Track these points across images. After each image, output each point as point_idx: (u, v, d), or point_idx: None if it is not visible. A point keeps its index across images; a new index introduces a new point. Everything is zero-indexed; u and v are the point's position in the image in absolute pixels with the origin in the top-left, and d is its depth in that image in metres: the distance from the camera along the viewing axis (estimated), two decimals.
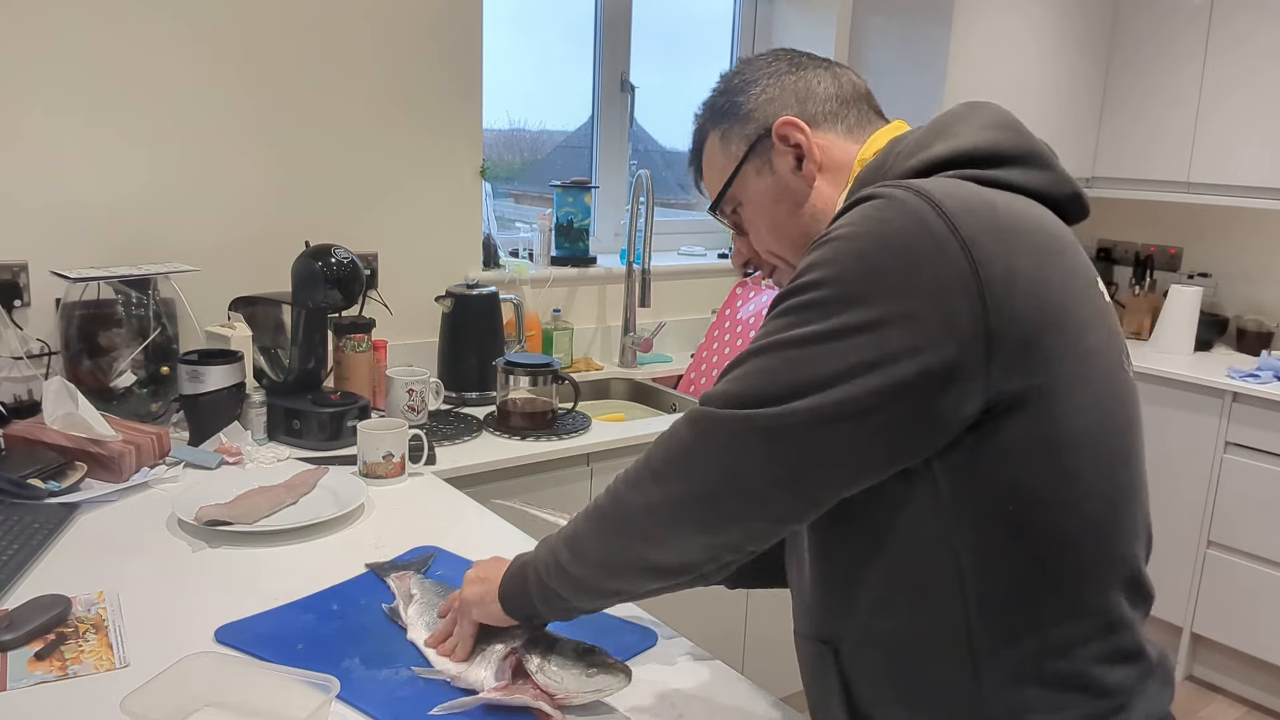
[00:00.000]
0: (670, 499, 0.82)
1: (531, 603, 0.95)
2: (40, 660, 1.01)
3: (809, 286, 0.78)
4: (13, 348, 1.82)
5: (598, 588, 0.91)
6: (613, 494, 0.89)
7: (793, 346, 0.77)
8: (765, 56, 1.00)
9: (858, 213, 0.79)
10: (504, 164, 2.83)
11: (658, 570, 0.87)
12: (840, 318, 0.75)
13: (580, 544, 0.91)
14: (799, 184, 0.95)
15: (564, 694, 0.93)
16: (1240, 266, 3.32)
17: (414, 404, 1.91)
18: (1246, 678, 2.92)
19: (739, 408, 0.78)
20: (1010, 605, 0.80)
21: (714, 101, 1.00)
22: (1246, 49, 2.94)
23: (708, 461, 0.79)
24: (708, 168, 1.02)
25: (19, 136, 1.82)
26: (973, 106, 0.90)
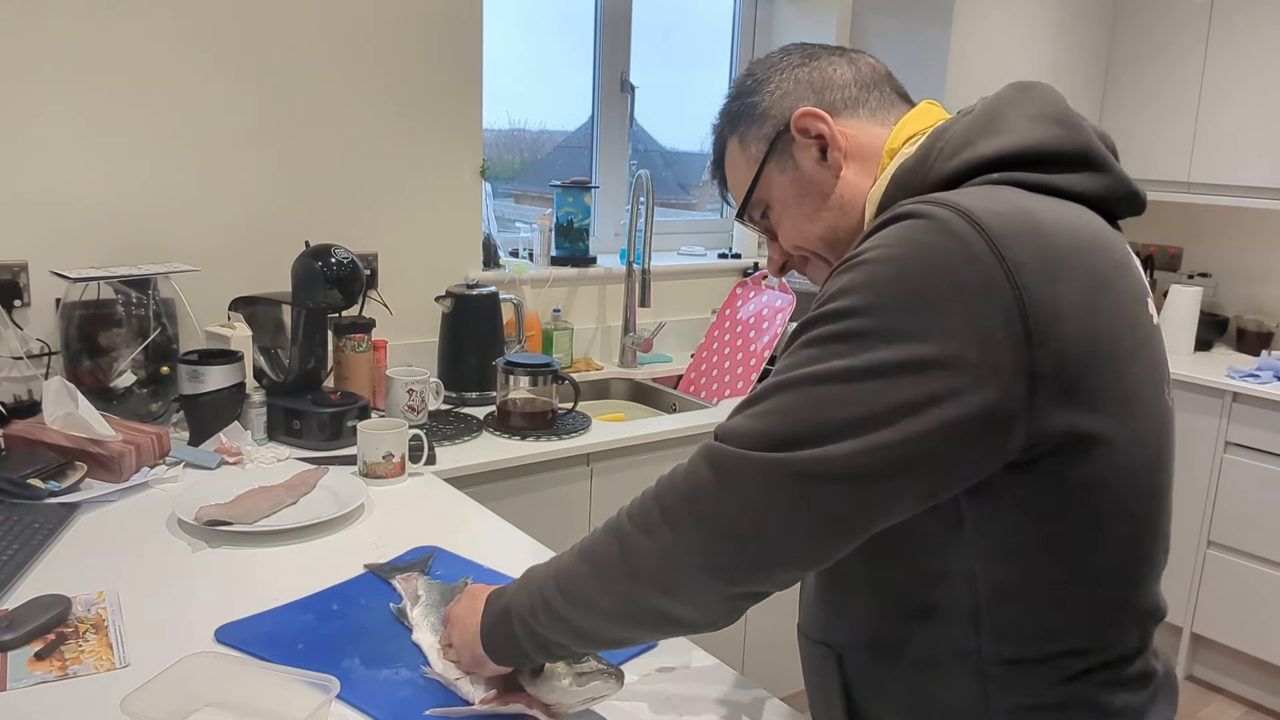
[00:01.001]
0: (687, 545, 0.75)
1: (524, 650, 0.87)
2: (40, 660, 1.01)
3: (841, 315, 0.72)
4: (13, 348, 1.82)
5: (605, 636, 0.83)
6: (617, 535, 0.80)
7: (825, 383, 0.71)
8: (775, 54, 0.96)
9: (893, 232, 0.73)
10: (504, 164, 2.83)
11: (673, 621, 0.79)
12: (876, 353, 0.69)
13: (583, 590, 0.81)
14: (825, 175, 0.90)
15: (557, 703, 0.93)
16: (1240, 266, 3.32)
17: (414, 404, 1.91)
18: (1246, 678, 2.92)
19: (767, 449, 0.71)
20: (1025, 636, 0.79)
21: (728, 107, 0.97)
22: (1246, 49, 2.94)
23: (730, 506, 0.73)
24: (731, 175, 0.98)
25: (19, 136, 1.82)
26: (1023, 89, 0.84)
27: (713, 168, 1.01)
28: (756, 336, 2.48)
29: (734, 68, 3.16)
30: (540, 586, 0.85)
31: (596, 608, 0.81)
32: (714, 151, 1.00)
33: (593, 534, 0.84)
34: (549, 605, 0.84)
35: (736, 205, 0.98)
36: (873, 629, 0.86)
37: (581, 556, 0.83)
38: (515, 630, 0.87)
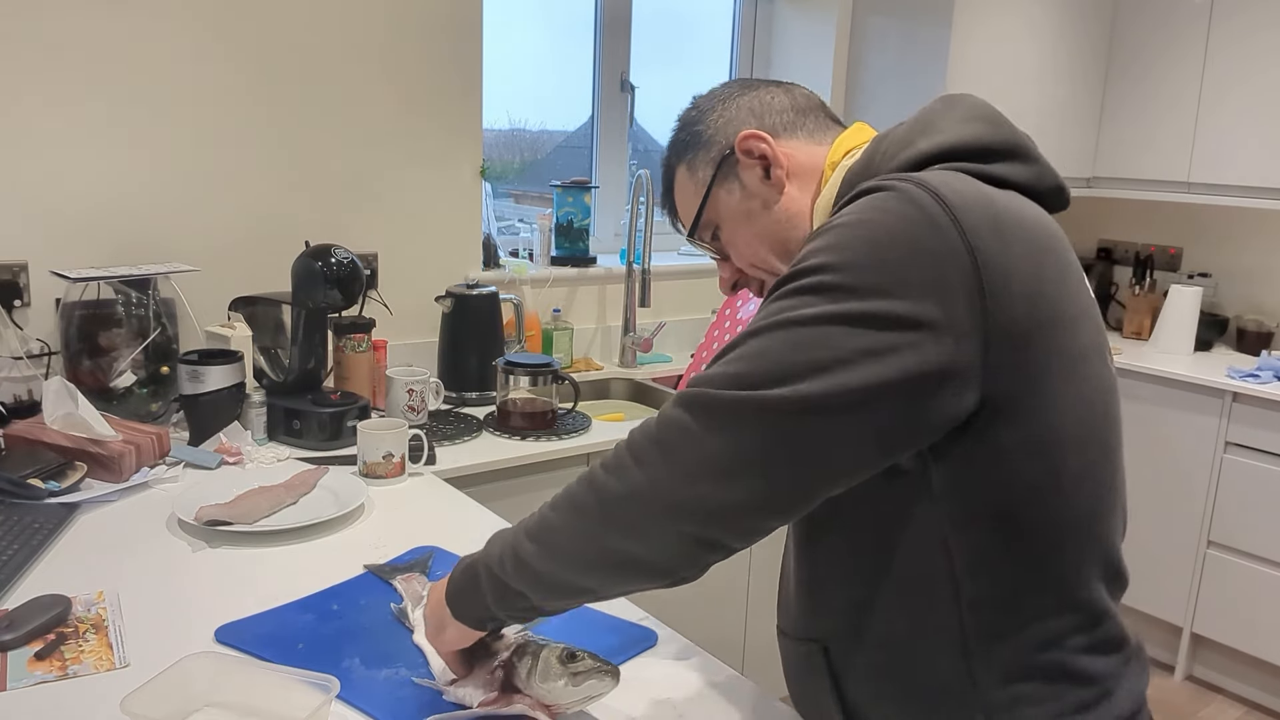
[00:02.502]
0: (655, 482, 0.76)
1: (485, 604, 0.87)
2: (40, 660, 1.01)
3: (812, 270, 0.76)
4: (13, 348, 1.82)
5: (567, 584, 0.82)
6: (588, 480, 0.81)
7: (795, 327, 0.75)
8: (718, 87, 1.02)
9: (862, 203, 0.78)
10: (504, 164, 2.83)
11: (634, 566, 0.80)
12: (844, 304, 0.74)
13: (550, 535, 0.82)
14: (770, 192, 0.95)
15: (555, 703, 0.92)
16: (1240, 266, 3.32)
17: (414, 404, 1.91)
18: (1246, 678, 2.92)
19: (737, 388, 0.74)
20: (1002, 603, 0.81)
21: (675, 139, 1.02)
22: (1246, 49, 2.94)
23: (699, 445, 0.75)
24: (680, 201, 1.02)
25: (19, 136, 1.82)
26: (950, 101, 0.90)
27: (663, 198, 1.05)
28: None
29: (734, 68, 3.16)
30: (512, 536, 0.86)
31: (560, 551, 0.82)
32: (663, 183, 1.05)
33: (564, 489, 0.85)
34: (516, 552, 0.84)
35: (686, 228, 1.02)
36: (855, 615, 0.87)
37: (554, 503, 0.84)
38: (480, 579, 0.86)
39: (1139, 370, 3.00)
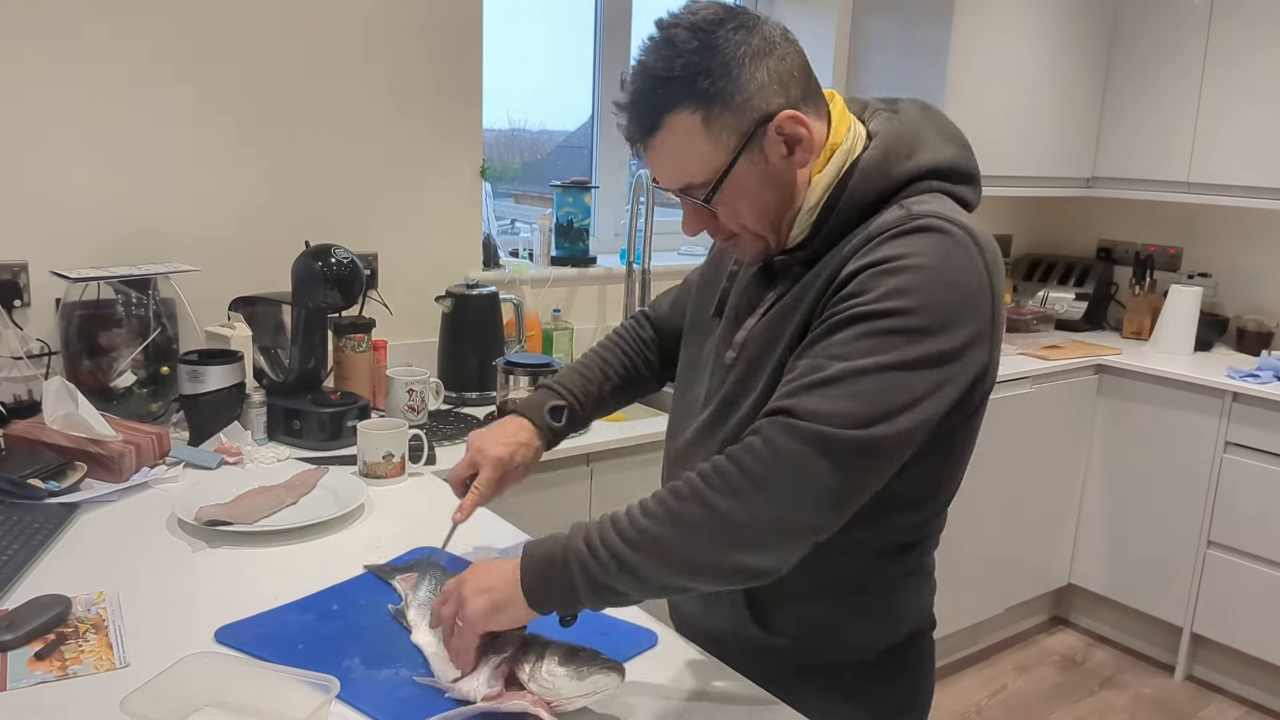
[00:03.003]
0: (779, 508, 0.88)
1: (578, 597, 0.94)
2: (40, 660, 1.01)
3: (894, 313, 0.90)
4: (13, 348, 1.82)
5: (673, 585, 0.93)
6: (697, 499, 0.90)
7: (893, 370, 0.90)
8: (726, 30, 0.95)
9: (922, 243, 0.93)
10: (504, 164, 2.83)
11: (747, 573, 0.91)
12: (921, 346, 0.90)
13: (660, 546, 0.90)
14: (789, 169, 1.00)
15: (558, 699, 0.92)
16: (1240, 266, 3.32)
17: (414, 404, 1.91)
18: (1246, 678, 2.92)
19: (852, 427, 0.88)
20: (913, 527, 1.09)
21: (682, 79, 0.95)
22: (1246, 49, 2.94)
23: (822, 476, 0.88)
24: (679, 146, 0.98)
25: (19, 136, 1.82)
26: (924, 108, 1.05)
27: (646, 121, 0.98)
28: None
29: None
30: (600, 538, 0.92)
31: (674, 561, 0.91)
32: (648, 107, 0.97)
33: (660, 499, 0.92)
34: (617, 555, 0.91)
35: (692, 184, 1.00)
36: None
37: (655, 517, 0.91)
38: (573, 572, 0.92)
39: (1139, 370, 3.00)
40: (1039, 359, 2.99)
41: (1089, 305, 3.47)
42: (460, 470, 1.27)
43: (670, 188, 1.03)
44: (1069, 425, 3.09)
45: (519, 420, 1.30)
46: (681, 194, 1.02)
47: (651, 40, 0.98)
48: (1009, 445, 2.91)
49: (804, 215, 1.02)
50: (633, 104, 0.99)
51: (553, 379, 1.37)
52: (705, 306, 1.21)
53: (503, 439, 1.27)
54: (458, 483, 1.28)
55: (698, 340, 1.21)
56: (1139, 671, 3.08)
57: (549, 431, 1.31)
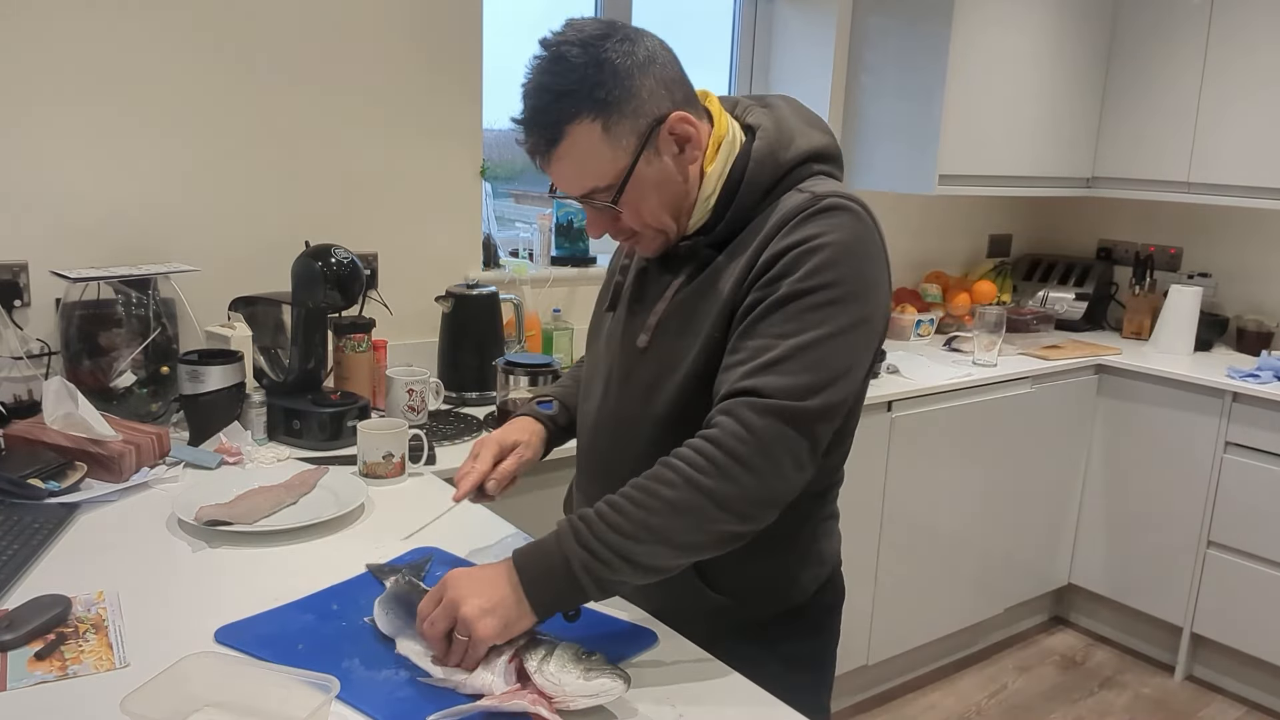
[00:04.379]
0: (764, 480, 0.99)
1: (586, 597, 0.99)
2: (40, 660, 1.01)
3: (823, 287, 1.02)
4: (13, 348, 1.82)
5: (673, 567, 1.01)
6: (692, 484, 0.98)
7: (831, 339, 1.02)
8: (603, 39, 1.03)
9: (833, 221, 1.05)
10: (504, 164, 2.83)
11: (735, 539, 1.01)
12: (851, 314, 1.03)
13: (660, 534, 0.98)
14: (681, 165, 1.09)
15: (562, 696, 0.92)
16: (1240, 266, 3.32)
17: (414, 404, 1.91)
18: (1246, 678, 2.92)
19: (809, 397, 1.00)
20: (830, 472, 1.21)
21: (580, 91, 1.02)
22: (1246, 48, 2.94)
23: (795, 445, 1.00)
24: (582, 154, 1.05)
25: (19, 136, 1.82)
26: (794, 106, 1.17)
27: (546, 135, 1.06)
28: None
29: (734, 67, 3.16)
30: (600, 539, 0.98)
31: (675, 546, 0.99)
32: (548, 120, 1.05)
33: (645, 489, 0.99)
34: (619, 551, 0.97)
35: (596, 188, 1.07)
36: None
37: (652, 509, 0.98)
38: (578, 576, 0.97)
39: (1139, 370, 3.00)
40: (1039, 359, 2.99)
41: (1089, 305, 3.47)
42: (463, 465, 1.31)
43: (574, 194, 1.10)
44: (1069, 425, 3.09)
45: (517, 417, 1.40)
46: (586, 199, 1.10)
47: (542, 59, 1.06)
48: (1009, 445, 2.91)
49: (701, 203, 1.12)
50: (533, 119, 1.07)
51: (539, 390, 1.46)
52: (600, 306, 1.32)
53: (507, 429, 1.36)
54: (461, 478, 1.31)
55: (595, 337, 1.32)
56: (1139, 671, 3.08)
57: (550, 421, 1.38)
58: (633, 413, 1.18)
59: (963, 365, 2.85)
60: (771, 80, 3.20)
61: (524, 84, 1.08)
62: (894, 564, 2.70)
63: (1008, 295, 3.56)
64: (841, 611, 1.33)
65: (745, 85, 3.18)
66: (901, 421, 2.59)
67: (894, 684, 2.90)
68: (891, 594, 2.71)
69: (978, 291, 3.38)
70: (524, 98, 1.08)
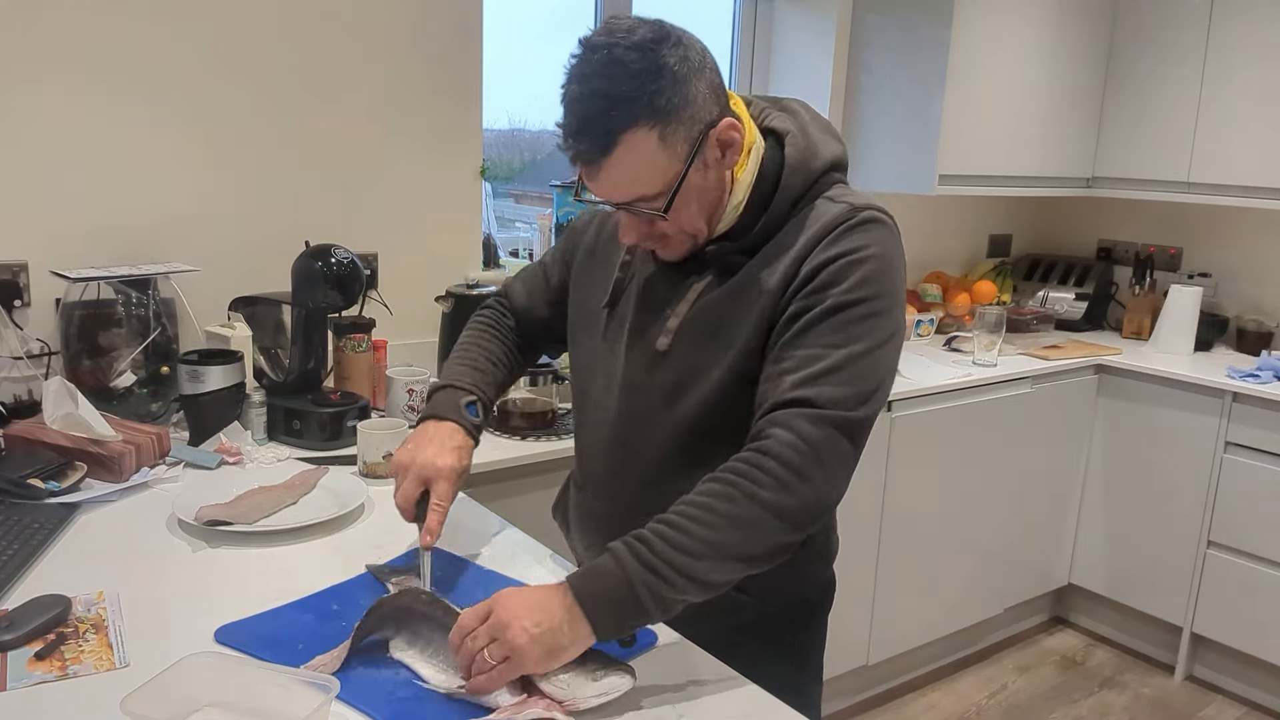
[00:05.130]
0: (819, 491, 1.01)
1: (649, 618, 0.99)
2: (40, 660, 1.01)
3: (867, 300, 1.05)
4: (13, 348, 1.82)
5: (729, 580, 1.01)
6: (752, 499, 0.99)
7: (875, 350, 1.05)
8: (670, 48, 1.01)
9: (872, 235, 1.08)
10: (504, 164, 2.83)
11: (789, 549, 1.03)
12: (890, 326, 1.07)
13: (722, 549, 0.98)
14: (722, 172, 1.10)
15: (572, 699, 0.92)
16: (1240, 266, 3.32)
17: (414, 404, 1.91)
18: (1246, 678, 2.92)
19: (857, 407, 1.03)
20: None
21: (640, 98, 0.99)
22: (1246, 48, 2.94)
23: (848, 454, 1.03)
24: (636, 162, 1.02)
25: (19, 136, 1.82)
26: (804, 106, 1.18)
27: (600, 141, 1.01)
28: None
29: (734, 68, 3.16)
30: (663, 559, 0.97)
31: (735, 559, 0.99)
32: (605, 128, 1.00)
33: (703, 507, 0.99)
34: (684, 571, 0.97)
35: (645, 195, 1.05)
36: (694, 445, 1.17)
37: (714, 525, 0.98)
38: (643, 598, 0.96)
39: (1139, 370, 3.00)
40: (1039, 359, 2.99)
41: (1089, 305, 3.47)
42: (411, 490, 1.20)
43: (619, 201, 1.06)
44: (1069, 425, 3.09)
45: (446, 424, 1.26)
46: (628, 206, 1.06)
47: (592, 63, 1.01)
48: (1009, 445, 2.91)
49: (731, 209, 1.12)
50: (585, 127, 1.01)
51: (447, 376, 1.33)
52: (594, 298, 1.27)
53: (445, 447, 1.23)
54: (409, 506, 1.20)
55: (588, 330, 1.27)
56: (1139, 671, 3.08)
57: (475, 429, 1.29)
58: (651, 416, 1.17)
59: (963, 365, 2.85)
60: (771, 80, 3.20)
61: (570, 88, 1.02)
62: (894, 564, 2.70)
63: (1008, 295, 3.56)
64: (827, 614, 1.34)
65: (745, 85, 3.18)
66: (901, 421, 2.59)
67: (894, 684, 2.90)
68: (891, 594, 2.71)
69: (978, 291, 3.38)
70: (572, 103, 1.02)
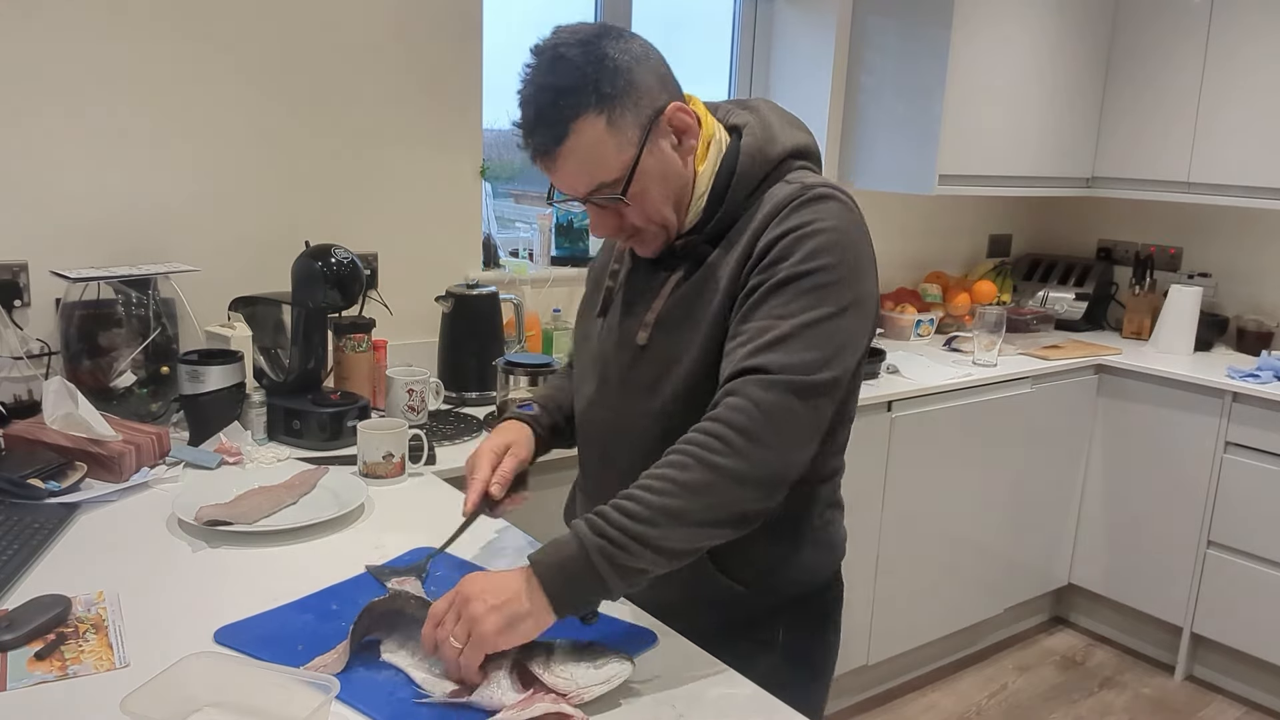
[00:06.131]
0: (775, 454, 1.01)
1: (608, 588, 0.98)
2: (40, 660, 1.02)
3: (820, 270, 1.06)
4: (13, 348, 1.82)
5: (694, 550, 1.01)
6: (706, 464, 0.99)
7: (831, 319, 1.05)
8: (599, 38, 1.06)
9: (824, 209, 1.09)
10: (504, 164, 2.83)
11: (753, 518, 1.03)
12: (847, 295, 1.07)
13: (679, 515, 0.98)
14: (680, 158, 1.12)
15: (576, 690, 0.92)
16: (1240, 266, 3.32)
17: (414, 404, 1.91)
18: (1246, 678, 2.92)
19: (815, 372, 1.03)
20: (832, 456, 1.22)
21: (583, 87, 1.04)
22: (1246, 49, 2.94)
23: (801, 418, 1.03)
24: (588, 149, 1.06)
25: (19, 136, 1.82)
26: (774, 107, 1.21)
27: (550, 134, 1.06)
28: None
29: (734, 68, 3.16)
30: (616, 526, 0.97)
31: (691, 525, 0.99)
32: (553, 119, 1.05)
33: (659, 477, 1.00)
34: (638, 537, 0.97)
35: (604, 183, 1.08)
36: None
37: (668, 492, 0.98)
38: (597, 564, 0.96)
39: (1139, 370, 3.00)
40: (1039, 359, 2.99)
41: (1089, 305, 3.47)
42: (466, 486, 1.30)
43: (580, 193, 1.11)
44: (1069, 425, 3.09)
45: (500, 422, 1.38)
46: (591, 197, 1.11)
47: (539, 61, 1.07)
48: (1009, 445, 2.91)
49: (695, 201, 1.15)
50: (538, 119, 1.07)
51: None
52: (589, 311, 1.34)
53: (487, 440, 1.34)
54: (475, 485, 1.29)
55: (584, 342, 1.32)
56: (1139, 671, 3.08)
57: (534, 422, 1.36)
58: (635, 409, 1.19)
59: (963, 365, 2.85)
60: (771, 80, 3.20)
61: (522, 90, 1.09)
62: (894, 564, 2.70)
63: (1008, 295, 3.56)
64: (839, 613, 1.33)
65: (745, 85, 3.18)
66: (901, 421, 2.59)
67: (894, 684, 2.90)
68: (891, 594, 2.71)
69: (978, 291, 3.38)
70: (525, 103, 1.08)
